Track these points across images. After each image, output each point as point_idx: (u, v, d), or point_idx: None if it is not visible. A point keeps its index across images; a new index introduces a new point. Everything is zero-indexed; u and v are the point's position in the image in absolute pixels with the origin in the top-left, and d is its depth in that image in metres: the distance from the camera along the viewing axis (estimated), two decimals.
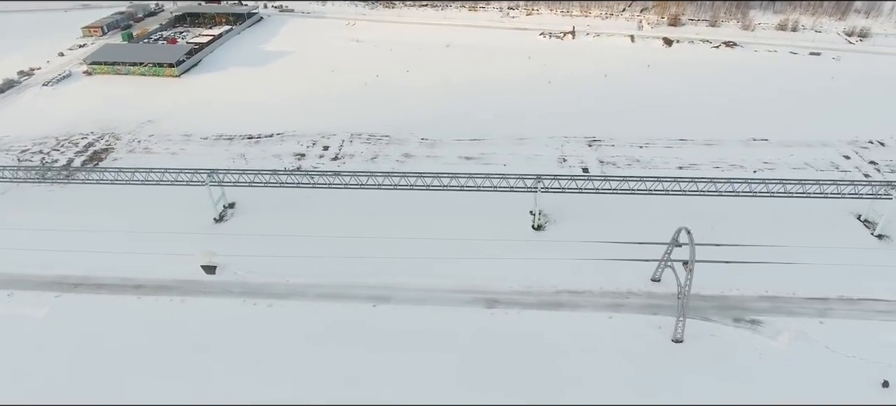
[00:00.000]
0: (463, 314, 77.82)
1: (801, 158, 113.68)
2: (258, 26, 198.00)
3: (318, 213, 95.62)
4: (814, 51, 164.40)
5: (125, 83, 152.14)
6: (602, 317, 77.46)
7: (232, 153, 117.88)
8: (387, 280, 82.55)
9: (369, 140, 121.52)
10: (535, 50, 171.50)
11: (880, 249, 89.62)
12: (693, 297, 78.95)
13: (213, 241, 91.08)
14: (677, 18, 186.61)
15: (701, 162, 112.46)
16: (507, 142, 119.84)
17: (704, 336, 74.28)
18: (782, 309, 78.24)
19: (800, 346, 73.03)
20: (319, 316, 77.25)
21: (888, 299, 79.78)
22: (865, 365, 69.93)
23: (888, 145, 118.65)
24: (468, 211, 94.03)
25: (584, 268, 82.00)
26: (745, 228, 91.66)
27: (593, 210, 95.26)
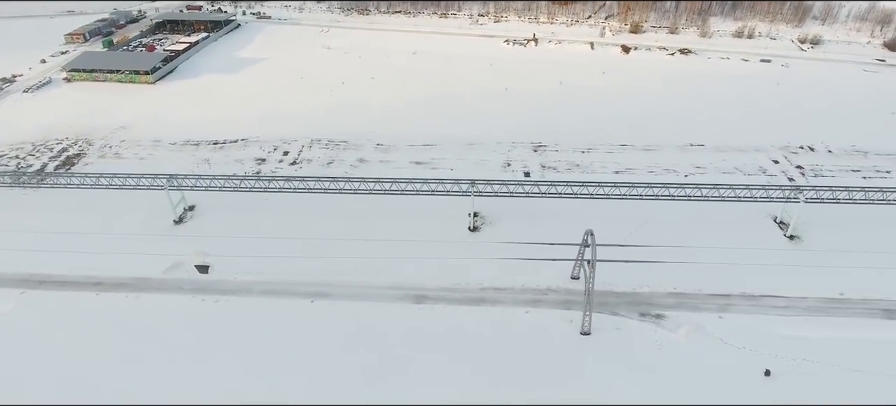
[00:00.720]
0: (392, 309, 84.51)
1: (733, 163, 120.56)
2: (235, 33, 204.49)
3: (271, 216, 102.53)
4: (765, 58, 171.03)
5: (102, 90, 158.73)
6: (520, 311, 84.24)
7: (197, 158, 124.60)
8: (327, 278, 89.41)
9: (328, 146, 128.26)
10: (498, 57, 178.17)
11: (790, 250, 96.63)
12: (607, 293, 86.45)
13: (172, 242, 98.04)
14: (638, 26, 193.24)
15: (637, 166, 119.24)
16: (458, 147, 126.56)
17: (611, 329, 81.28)
18: (686, 304, 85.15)
19: (697, 338, 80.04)
20: (260, 311, 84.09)
21: (787, 295, 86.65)
22: (754, 356, 76.87)
23: (817, 150, 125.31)
24: (412, 213, 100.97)
25: (511, 266, 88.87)
26: (667, 230, 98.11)
27: (528, 212, 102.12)
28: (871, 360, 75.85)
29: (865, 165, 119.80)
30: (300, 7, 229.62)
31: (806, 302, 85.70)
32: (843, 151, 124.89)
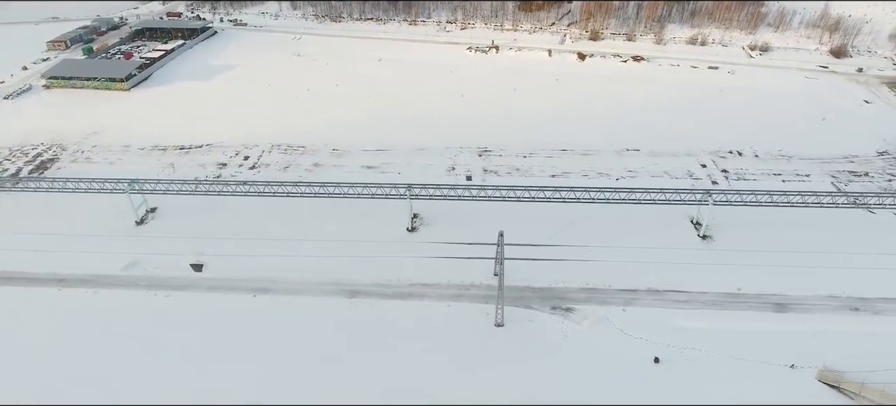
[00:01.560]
0: (327, 304, 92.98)
1: (663, 167, 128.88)
2: (211, 40, 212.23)
3: (225, 217, 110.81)
4: (713, 65, 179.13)
5: (79, 97, 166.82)
6: (442, 305, 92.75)
7: (163, 163, 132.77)
8: (270, 274, 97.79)
9: (286, 151, 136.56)
10: (459, 64, 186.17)
11: (701, 249, 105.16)
12: (525, 288, 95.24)
13: (132, 241, 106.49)
14: (597, 33, 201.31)
15: (573, 170, 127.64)
16: (408, 152, 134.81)
17: (523, 321, 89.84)
18: (596, 299, 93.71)
19: (599, 329, 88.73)
20: (205, 305, 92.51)
21: (689, 290, 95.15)
22: (649, 345, 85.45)
23: (745, 155, 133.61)
24: (356, 216, 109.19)
25: (441, 264, 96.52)
26: (591, 230, 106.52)
27: (465, 214, 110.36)
28: (754, 348, 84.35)
29: (787, 169, 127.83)
30: (276, 14, 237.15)
31: (705, 296, 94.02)
32: (769, 156, 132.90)
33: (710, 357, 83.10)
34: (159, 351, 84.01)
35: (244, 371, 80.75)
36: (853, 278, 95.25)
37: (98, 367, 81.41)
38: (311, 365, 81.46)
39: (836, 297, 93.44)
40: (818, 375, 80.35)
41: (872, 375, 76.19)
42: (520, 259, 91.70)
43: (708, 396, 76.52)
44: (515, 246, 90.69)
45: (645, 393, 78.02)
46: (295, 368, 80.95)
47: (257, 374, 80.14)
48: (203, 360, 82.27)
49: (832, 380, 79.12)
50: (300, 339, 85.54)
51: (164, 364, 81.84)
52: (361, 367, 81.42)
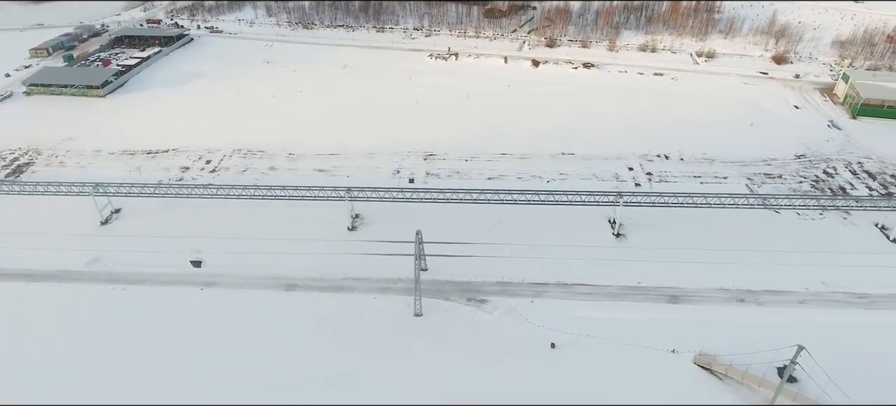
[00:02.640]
0: (266, 296, 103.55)
1: (592, 170, 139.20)
2: (187, 47, 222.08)
3: (182, 217, 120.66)
4: (658, 72, 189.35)
5: (57, 103, 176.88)
6: (370, 297, 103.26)
7: (130, 166, 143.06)
8: (218, 270, 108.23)
9: (246, 155, 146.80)
10: (419, 70, 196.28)
11: (614, 246, 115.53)
12: (447, 282, 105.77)
13: (96, 240, 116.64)
14: (554, 41, 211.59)
15: (509, 173, 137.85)
16: (359, 156, 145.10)
17: (440, 311, 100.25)
18: (508, 291, 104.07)
19: (506, 318, 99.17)
20: (157, 297, 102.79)
21: (594, 284, 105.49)
22: (549, 332, 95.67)
23: (672, 158, 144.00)
24: (303, 216, 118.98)
25: (373, 260, 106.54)
26: (515, 229, 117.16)
27: (404, 214, 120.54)
28: (643, 335, 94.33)
29: (707, 172, 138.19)
30: (251, 21, 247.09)
31: (608, 289, 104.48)
32: (693, 159, 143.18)
33: (601, 343, 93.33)
34: (113, 339, 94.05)
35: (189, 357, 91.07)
36: (746, 273, 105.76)
37: (55, 353, 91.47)
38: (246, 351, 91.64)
39: (726, 290, 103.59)
40: (694, 359, 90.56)
41: (738, 358, 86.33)
42: (444, 256, 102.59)
43: (592, 377, 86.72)
44: (442, 244, 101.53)
45: (538, 374, 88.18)
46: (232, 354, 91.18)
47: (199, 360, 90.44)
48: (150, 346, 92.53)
49: (705, 362, 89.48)
50: (239, 329, 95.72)
51: (115, 351, 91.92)
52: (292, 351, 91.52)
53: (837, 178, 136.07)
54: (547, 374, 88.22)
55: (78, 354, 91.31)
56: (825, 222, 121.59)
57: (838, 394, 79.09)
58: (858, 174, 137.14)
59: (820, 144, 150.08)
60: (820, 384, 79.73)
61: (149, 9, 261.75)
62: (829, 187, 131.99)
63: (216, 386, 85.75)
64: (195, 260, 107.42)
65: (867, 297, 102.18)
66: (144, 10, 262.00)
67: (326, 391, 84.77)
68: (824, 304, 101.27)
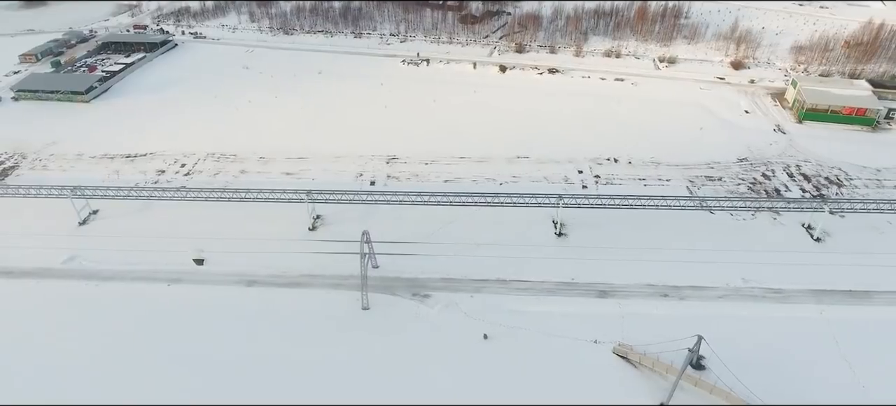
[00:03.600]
0: (228, 291, 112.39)
1: (544, 172, 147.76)
2: (171, 53, 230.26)
3: (154, 217, 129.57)
4: (619, 77, 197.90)
5: (43, 109, 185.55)
6: (323, 292, 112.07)
7: (110, 169, 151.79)
8: (184, 267, 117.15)
9: (219, 159, 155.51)
10: (391, 76, 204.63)
11: (555, 245, 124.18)
12: (395, 279, 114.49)
13: (74, 239, 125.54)
14: (522, 46, 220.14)
15: (465, 176, 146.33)
16: (326, 160, 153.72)
17: (386, 305, 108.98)
18: (451, 287, 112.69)
19: (446, 311, 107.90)
20: (126, 292, 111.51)
21: (531, 280, 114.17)
22: (484, 324, 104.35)
23: (620, 162, 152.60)
24: (267, 217, 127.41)
25: (330, 258, 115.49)
26: (465, 228, 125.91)
27: (364, 215, 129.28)
28: (570, 327, 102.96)
29: (652, 175, 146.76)
30: (234, 27, 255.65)
31: (544, 285, 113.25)
32: (640, 162, 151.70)
33: (530, 334, 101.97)
34: (82, 333, 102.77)
35: (150, 348, 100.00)
36: (672, 270, 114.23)
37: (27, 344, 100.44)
38: (203, 342, 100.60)
39: (652, 286, 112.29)
40: (613, 349, 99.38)
41: (652, 348, 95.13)
42: (395, 254, 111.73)
43: (517, 365, 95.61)
44: (394, 243, 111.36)
45: (469, 362, 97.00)
46: (189, 345, 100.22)
47: (159, 351, 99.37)
48: (116, 339, 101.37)
49: (623, 352, 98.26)
50: (198, 322, 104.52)
51: (84, 344, 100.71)
52: (244, 342, 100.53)
53: (774, 180, 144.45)
54: (477, 363, 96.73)
55: (49, 347, 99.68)
56: (756, 222, 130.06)
57: (732, 379, 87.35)
58: (795, 176, 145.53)
59: (763, 148, 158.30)
60: (720, 372, 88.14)
61: (136, 14, 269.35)
62: (764, 189, 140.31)
63: (170, 375, 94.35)
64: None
65: (782, 293, 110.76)
66: (132, 15, 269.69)
67: (271, 379, 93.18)
68: (741, 298, 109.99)
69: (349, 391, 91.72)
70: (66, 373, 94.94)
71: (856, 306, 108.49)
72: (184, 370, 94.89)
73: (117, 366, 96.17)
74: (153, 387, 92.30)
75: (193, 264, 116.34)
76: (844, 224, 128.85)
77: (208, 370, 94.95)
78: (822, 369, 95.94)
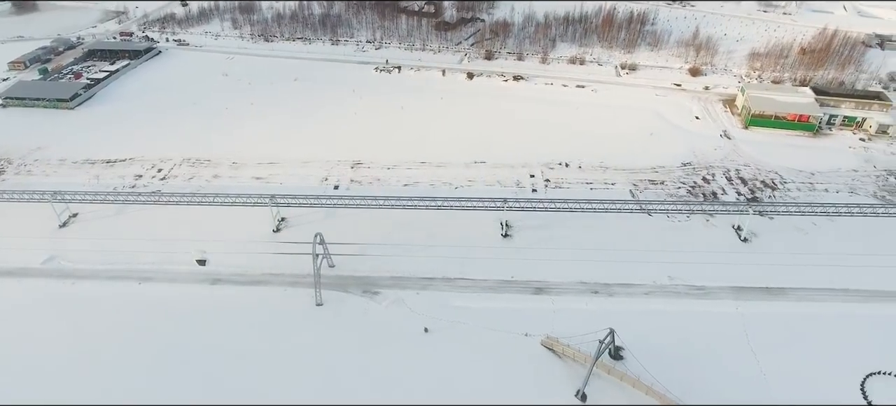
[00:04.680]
0: (194, 289, 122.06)
1: (498, 177, 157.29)
2: (155, 60, 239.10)
3: (130, 220, 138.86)
4: (580, 84, 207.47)
5: (30, 115, 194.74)
6: (281, 290, 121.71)
7: (90, 174, 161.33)
8: (155, 266, 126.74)
9: (194, 164, 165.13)
10: (363, 84, 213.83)
11: (500, 246, 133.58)
12: (349, 277, 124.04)
13: (53, 241, 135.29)
14: (491, 53, 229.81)
15: (423, 180, 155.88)
16: (294, 165, 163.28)
17: (338, 301, 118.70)
18: (399, 285, 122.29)
19: (393, 307, 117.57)
20: (100, 290, 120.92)
21: (475, 278, 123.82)
22: (425, 319, 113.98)
23: (571, 166, 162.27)
24: (235, 219, 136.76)
25: (289, 258, 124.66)
26: (418, 230, 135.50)
27: (323, 217, 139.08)
28: (505, 321, 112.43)
29: (599, 179, 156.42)
30: (217, 34, 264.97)
31: (485, 283, 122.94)
32: (590, 167, 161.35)
33: (468, 328, 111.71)
34: (59, 327, 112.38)
35: (119, 341, 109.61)
36: (605, 268, 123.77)
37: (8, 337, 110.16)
38: (168, 334, 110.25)
39: (585, 283, 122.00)
40: (541, 341, 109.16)
41: (576, 339, 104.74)
42: (349, 255, 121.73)
43: (453, 355, 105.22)
44: (350, 244, 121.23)
45: (409, 353, 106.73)
46: (155, 337, 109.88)
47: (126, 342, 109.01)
48: (91, 331, 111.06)
49: (549, 343, 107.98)
50: (164, 317, 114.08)
51: (60, 337, 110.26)
52: (204, 335, 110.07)
53: (713, 183, 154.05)
54: (416, 354, 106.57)
55: (25, 340, 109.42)
56: (690, 224, 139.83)
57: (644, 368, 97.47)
58: (732, 180, 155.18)
59: (708, 153, 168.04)
60: (637, 361, 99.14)
61: (123, 21, 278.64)
62: (702, 192, 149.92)
63: (135, 369, 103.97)
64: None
65: (704, 290, 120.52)
66: (119, 22, 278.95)
67: (225, 369, 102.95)
68: (666, 295, 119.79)
69: (298, 381, 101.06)
70: (41, 364, 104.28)
71: (770, 302, 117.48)
72: (149, 363, 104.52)
73: (87, 359, 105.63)
74: (118, 379, 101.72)
75: (158, 264, 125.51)
76: (772, 225, 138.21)
77: (170, 363, 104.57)
78: (729, 359, 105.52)
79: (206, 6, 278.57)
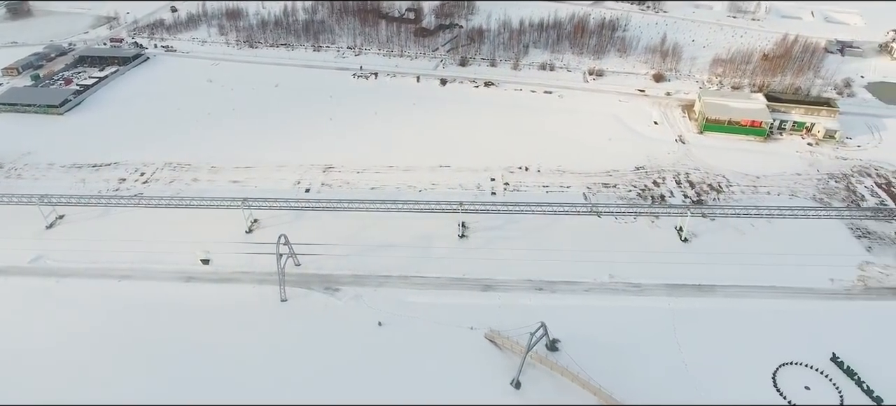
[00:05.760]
0: (168, 286, 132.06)
1: (460, 180, 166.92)
2: (143, 66, 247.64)
3: (115, 222, 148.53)
4: (548, 90, 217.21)
5: (21, 120, 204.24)
6: (249, 287, 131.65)
7: (77, 178, 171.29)
8: (135, 265, 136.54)
9: (175, 168, 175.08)
10: (340, 90, 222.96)
11: (456, 246, 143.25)
12: (312, 275, 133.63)
13: (40, 241, 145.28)
14: (466, 60, 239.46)
15: (390, 184, 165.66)
16: (269, 169, 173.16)
17: (301, 297, 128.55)
18: (359, 282, 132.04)
19: (352, 302, 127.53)
20: (83, 286, 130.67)
21: (428, 276, 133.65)
22: (380, 314, 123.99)
23: (530, 170, 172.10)
24: (210, 220, 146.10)
25: (260, 258, 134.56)
26: (379, 231, 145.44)
27: (293, 219, 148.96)
28: (453, 316, 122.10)
29: (555, 182, 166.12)
30: (204, 40, 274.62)
31: (438, 280, 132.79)
32: (548, 171, 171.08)
33: (418, 322, 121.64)
34: (44, 322, 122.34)
35: (100, 335, 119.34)
36: (551, 267, 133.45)
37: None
38: (144, 328, 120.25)
39: (531, 281, 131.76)
40: (485, 334, 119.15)
41: (516, 332, 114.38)
42: (315, 254, 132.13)
43: (403, 346, 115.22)
44: (316, 245, 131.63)
45: (364, 344, 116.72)
46: (130, 330, 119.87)
47: (104, 335, 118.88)
48: (73, 325, 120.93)
49: (492, 336, 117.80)
50: (140, 312, 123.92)
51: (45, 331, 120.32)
52: (181, 327, 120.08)
53: (663, 187, 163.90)
54: (369, 346, 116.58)
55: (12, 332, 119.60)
56: (636, 225, 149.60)
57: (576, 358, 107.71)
58: (681, 183, 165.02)
59: (661, 157, 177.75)
60: (570, 352, 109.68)
61: (114, 27, 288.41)
62: (651, 195, 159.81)
63: (113, 360, 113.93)
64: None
65: (640, 287, 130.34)
66: (111, 27, 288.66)
67: (194, 359, 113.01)
68: (604, 292, 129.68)
69: (261, 371, 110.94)
70: (23, 358, 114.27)
71: (700, 298, 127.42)
72: (125, 356, 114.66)
73: (67, 351, 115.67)
74: (95, 371, 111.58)
75: (138, 263, 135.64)
76: (713, 226, 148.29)
77: (144, 356, 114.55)
78: (655, 350, 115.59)
79: (194, 12, 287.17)
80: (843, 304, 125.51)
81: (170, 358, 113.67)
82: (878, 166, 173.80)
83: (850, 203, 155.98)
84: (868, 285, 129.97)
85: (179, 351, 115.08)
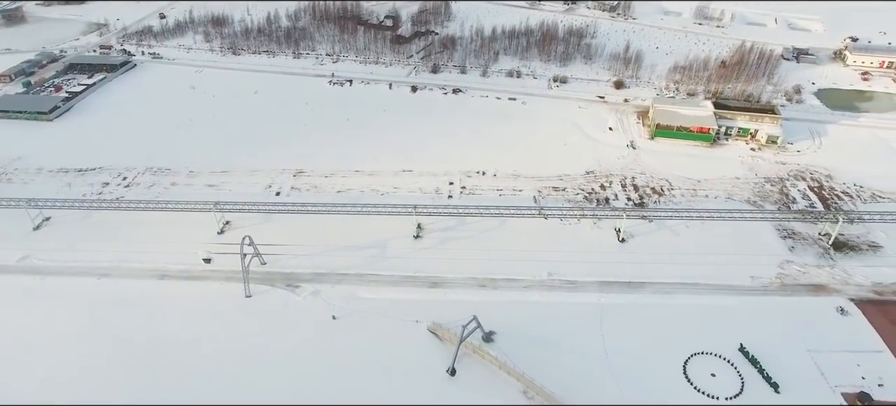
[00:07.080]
0: (144, 283, 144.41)
1: (420, 184, 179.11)
2: (130, 73, 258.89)
3: (97, 223, 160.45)
4: (512, 96, 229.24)
5: (12, 127, 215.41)
6: (217, 284, 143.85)
7: (63, 182, 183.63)
8: (113, 264, 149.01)
9: (156, 173, 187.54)
10: (315, 97, 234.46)
11: (409, 246, 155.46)
12: (276, 273, 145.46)
13: (28, 242, 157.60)
14: (437, 67, 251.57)
15: (355, 187, 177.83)
16: (244, 173, 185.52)
17: (265, 293, 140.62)
18: (318, 280, 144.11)
19: (310, 298, 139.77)
20: (66, 284, 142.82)
21: (382, 274, 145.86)
22: (335, 308, 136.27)
23: (487, 174, 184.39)
24: (185, 222, 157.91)
25: (227, 257, 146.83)
26: (339, 232, 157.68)
27: (263, 221, 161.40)
28: (400, 310, 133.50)
29: (509, 186, 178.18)
30: (190, 47, 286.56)
31: (391, 277, 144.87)
32: (503, 175, 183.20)
33: (368, 316, 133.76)
34: (28, 316, 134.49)
35: (77, 327, 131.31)
36: (495, 265, 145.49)
37: None
38: (120, 321, 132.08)
39: (475, 278, 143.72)
40: (428, 327, 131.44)
41: (455, 326, 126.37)
42: (279, 254, 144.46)
43: (352, 337, 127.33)
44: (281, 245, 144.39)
45: (318, 336, 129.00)
46: (106, 324, 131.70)
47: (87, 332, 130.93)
48: (57, 321, 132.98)
49: (434, 328, 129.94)
50: (117, 307, 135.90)
51: (30, 324, 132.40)
52: (153, 320, 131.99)
53: (609, 190, 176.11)
54: (323, 337, 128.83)
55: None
56: (580, 226, 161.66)
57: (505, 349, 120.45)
58: (626, 187, 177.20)
59: (611, 162, 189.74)
60: (502, 343, 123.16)
61: (104, 34, 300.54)
62: (596, 198, 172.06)
63: (89, 354, 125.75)
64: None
65: (575, 284, 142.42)
66: (101, 34, 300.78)
67: (161, 350, 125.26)
68: (542, 288, 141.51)
69: (223, 362, 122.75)
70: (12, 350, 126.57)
71: (628, 294, 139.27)
72: (100, 348, 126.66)
73: (51, 345, 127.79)
74: (76, 364, 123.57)
75: (116, 262, 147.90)
76: (651, 227, 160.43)
77: (117, 347, 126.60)
78: (581, 341, 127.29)
79: (181, 19, 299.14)
80: (757, 300, 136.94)
81: (141, 350, 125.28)
82: (814, 170, 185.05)
83: (781, 206, 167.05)
84: (784, 283, 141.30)
85: (148, 343, 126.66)
